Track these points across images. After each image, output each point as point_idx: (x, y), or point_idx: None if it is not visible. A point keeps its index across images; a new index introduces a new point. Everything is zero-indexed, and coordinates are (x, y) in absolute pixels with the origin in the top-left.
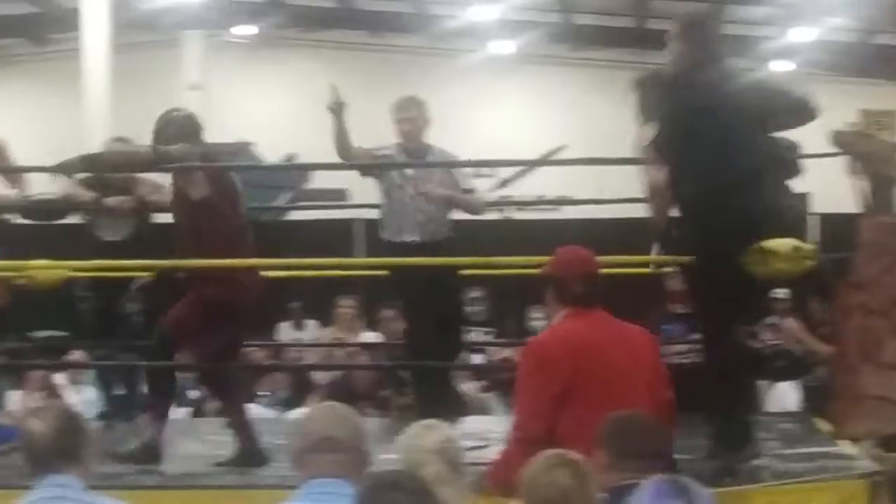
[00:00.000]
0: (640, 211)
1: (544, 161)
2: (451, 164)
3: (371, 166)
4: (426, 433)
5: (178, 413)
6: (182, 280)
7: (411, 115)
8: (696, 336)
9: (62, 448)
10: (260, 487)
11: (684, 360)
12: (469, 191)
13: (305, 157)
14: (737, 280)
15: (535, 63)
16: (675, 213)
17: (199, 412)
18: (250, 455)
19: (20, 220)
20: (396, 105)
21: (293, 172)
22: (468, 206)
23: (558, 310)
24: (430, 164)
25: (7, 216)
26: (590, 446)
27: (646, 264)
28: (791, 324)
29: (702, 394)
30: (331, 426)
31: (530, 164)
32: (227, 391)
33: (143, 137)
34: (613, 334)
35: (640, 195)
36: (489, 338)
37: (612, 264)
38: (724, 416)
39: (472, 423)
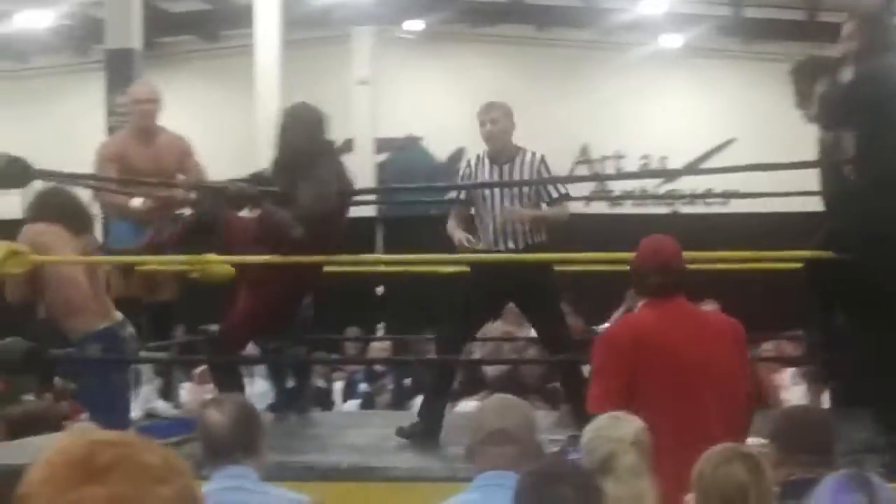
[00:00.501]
0: (811, 205)
1: (686, 171)
2: (559, 179)
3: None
4: (619, 424)
5: (348, 405)
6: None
7: (493, 117)
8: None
9: (240, 440)
10: (432, 480)
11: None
12: (559, 199)
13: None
14: None
15: (704, 56)
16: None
17: (368, 404)
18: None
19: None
20: (481, 108)
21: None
22: (555, 221)
23: (639, 301)
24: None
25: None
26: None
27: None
28: None
29: (877, 389)
30: (503, 419)
31: (662, 175)
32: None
33: None
34: (687, 326)
35: (810, 188)
36: None
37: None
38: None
39: None
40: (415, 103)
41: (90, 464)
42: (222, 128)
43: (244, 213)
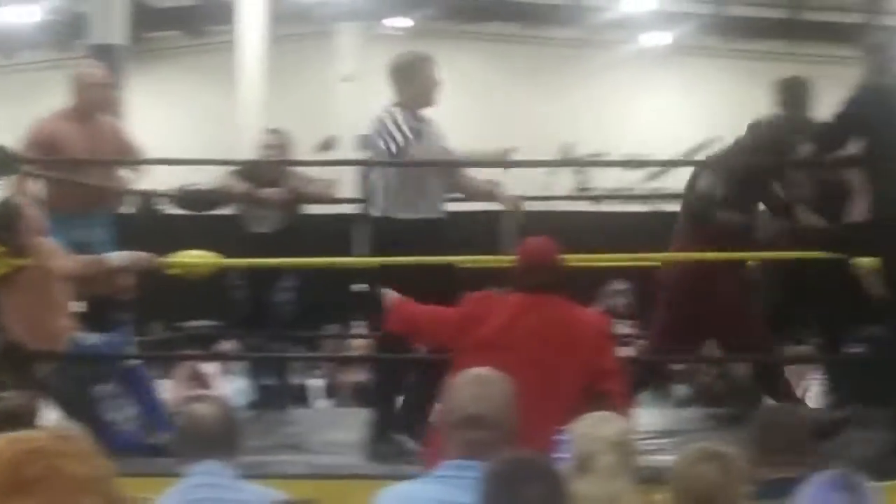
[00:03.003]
0: None
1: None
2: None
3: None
4: (602, 423)
5: (322, 403)
6: None
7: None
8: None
9: (219, 437)
10: (410, 478)
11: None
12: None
13: (461, 149)
14: None
15: (689, 54)
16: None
17: (342, 401)
18: None
19: (175, 211)
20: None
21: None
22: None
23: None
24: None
25: (162, 206)
26: None
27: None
28: None
29: (874, 388)
30: (480, 401)
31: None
32: None
33: (296, 128)
34: (548, 323)
35: None
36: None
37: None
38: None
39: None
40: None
41: (18, 475)
42: (207, 122)
43: None
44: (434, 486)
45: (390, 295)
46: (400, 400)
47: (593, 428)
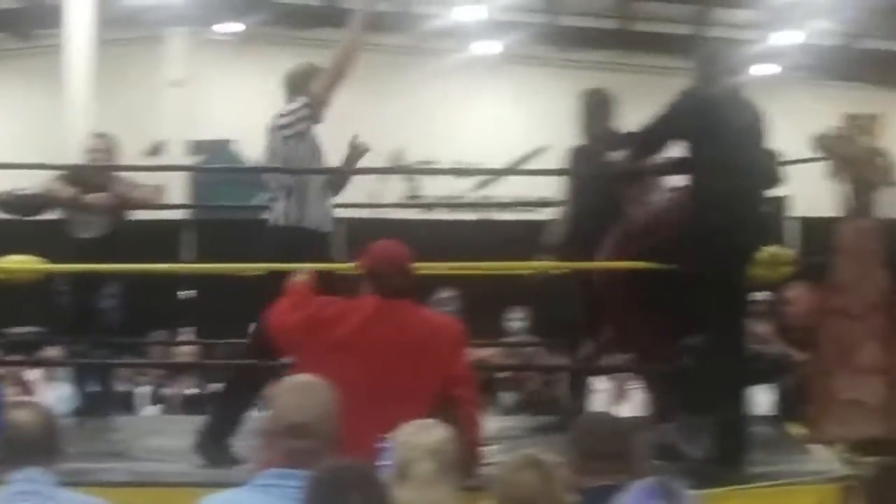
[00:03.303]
0: None
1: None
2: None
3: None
4: (422, 431)
5: (148, 410)
6: None
7: None
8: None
9: (40, 444)
10: (231, 485)
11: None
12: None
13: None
14: (738, 287)
15: (520, 64)
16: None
17: (170, 409)
18: None
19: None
20: None
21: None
22: None
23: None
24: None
25: None
26: None
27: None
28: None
29: (697, 397)
30: (303, 410)
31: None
32: None
33: (123, 132)
34: (402, 328)
35: None
36: None
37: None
38: (721, 419)
39: None
40: (229, 106)
41: None
42: (34, 127)
43: None
44: (255, 494)
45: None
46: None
47: (412, 436)
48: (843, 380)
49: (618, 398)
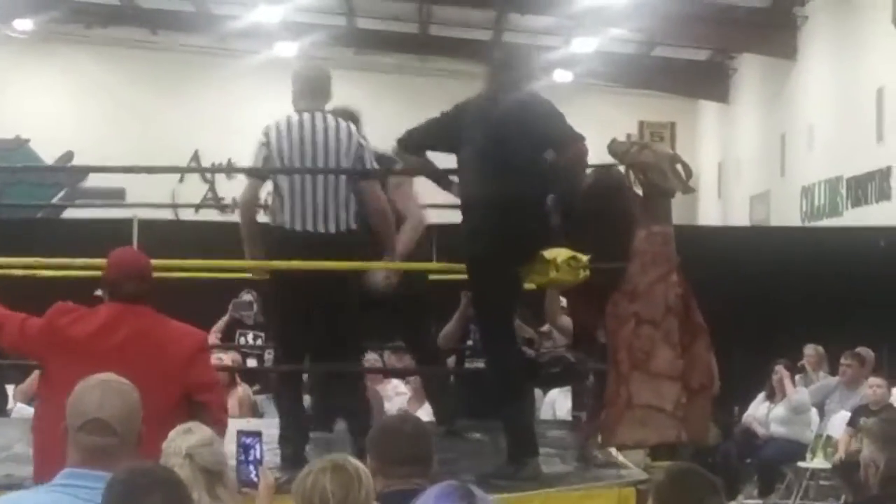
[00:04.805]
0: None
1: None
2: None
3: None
4: (178, 436)
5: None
6: None
7: None
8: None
9: None
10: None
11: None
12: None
13: (83, 155)
14: (512, 289)
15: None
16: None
17: None
18: None
19: None
20: None
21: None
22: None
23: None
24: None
25: None
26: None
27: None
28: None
29: (487, 401)
30: (102, 406)
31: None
32: None
33: None
34: (138, 334)
35: None
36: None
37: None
38: (509, 423)
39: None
40: (23, 105)
41: None
42: None
43: None
44: (47, 495)
45: None
46: None
47: (171, 441)
48: (639, 385)
49: (414, 402)
